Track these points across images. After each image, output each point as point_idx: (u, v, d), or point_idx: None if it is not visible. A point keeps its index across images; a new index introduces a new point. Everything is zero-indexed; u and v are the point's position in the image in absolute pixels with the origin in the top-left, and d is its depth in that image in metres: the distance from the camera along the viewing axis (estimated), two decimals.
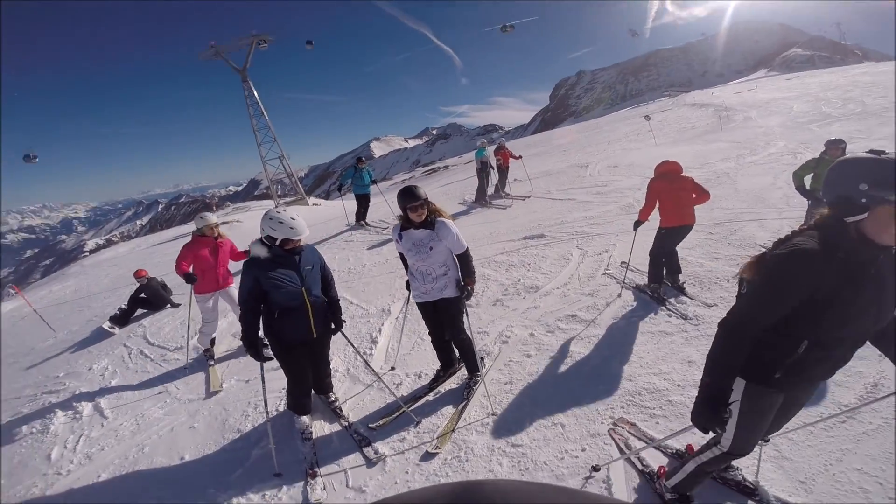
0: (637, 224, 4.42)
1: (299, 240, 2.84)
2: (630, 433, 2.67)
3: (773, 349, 1.60)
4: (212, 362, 4.52)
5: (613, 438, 2.64)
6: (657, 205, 4.29)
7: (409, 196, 2.86)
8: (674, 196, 4.21)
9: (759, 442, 1.97)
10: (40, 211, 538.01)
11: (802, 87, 25.15)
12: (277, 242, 2.80)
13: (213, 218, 4.49)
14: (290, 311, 2.89)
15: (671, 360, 3.29)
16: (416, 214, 2.90)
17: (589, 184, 9.84)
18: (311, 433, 3.16)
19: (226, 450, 3.25)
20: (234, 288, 4.34)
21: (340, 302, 3.27)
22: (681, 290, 4.30)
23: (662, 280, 4.37)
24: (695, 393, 2.82)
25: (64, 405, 4.23)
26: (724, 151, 10.72)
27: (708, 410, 1.58)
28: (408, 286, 3.28)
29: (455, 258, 3.09)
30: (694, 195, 4.24)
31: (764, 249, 1.68)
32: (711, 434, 1.67)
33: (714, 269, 4.60)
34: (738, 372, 1.62)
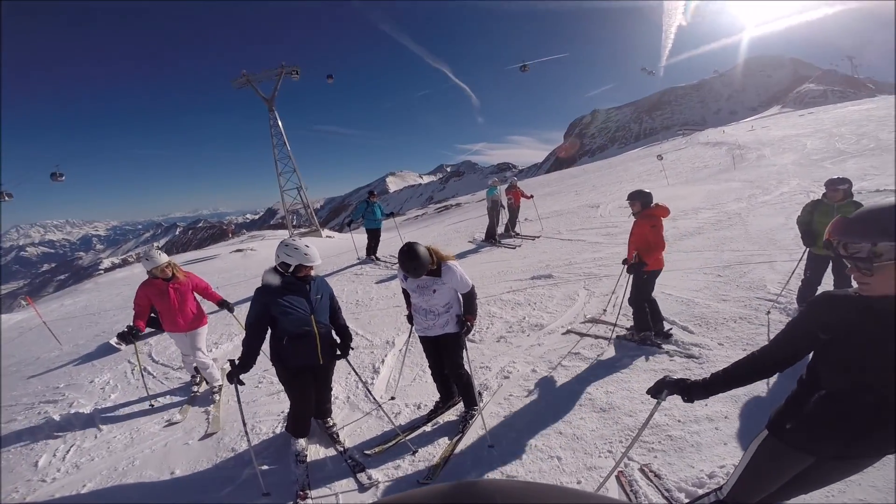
0: (640, 266, 4.10)
1: (311, 267, 2.95)
2: (648, 481, 2.60)
3: (792, 399, 1.60)
4: (195, 388, 4.46)
5: (620, 482, 2.60)
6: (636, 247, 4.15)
7: (409, 269, 2.95)
8: (661, 238, 4.08)
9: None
10: (63, 226, 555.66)
11: (816, 122, 25.18)
12: (291, 269, 2.91)
13: (160, 258, 4.06)
14: (298, 338, 2.97)
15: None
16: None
17: (599, 224, 9.89)
18: (306, 456, 3.18)
19: (218, 467, 3.29)
20: (202, 332, 4.28)
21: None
22: (668, 337, 4.17)
23: (651, 327, 4.20)
24: (696, 428, 2.87)
25: (60, 415, 4.29)
26: (737, 191, 10.73)
27: (686, 391, 1.72)
28: (409, 320, 3.37)
29: (459, 296, 3.17)
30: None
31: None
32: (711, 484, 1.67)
33: (721, 310, 4.56)
34: (731, 388, 1.67)
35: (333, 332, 3.25)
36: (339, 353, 3.23)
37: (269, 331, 3.01)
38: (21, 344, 7.88)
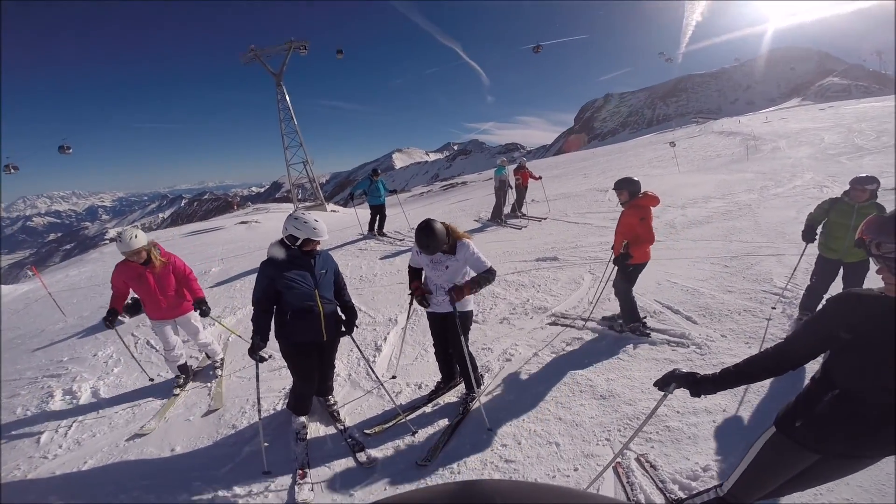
0: (625, 258, 3.87)
1: (318, 242, 2.92)
2: (644, 471, 2.60)
3: (803, 396, 1.59)
4: (177, 391, 3.99)
5: (617, 472, 2.60)
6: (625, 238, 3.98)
7: (424, 245, 2.90)
8: (649, 231, 3.90)
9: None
10: (69, 197, 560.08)
11: (836, 117, 24.62)
12: (298, 243, 2.87)
13: (134, 242, 3.52)
14: (302, 313, 2.95)
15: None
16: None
17: (607, 209, 9.77)
18: (306, 434, 3.19)
19: (218, 444, 3.29)
20: (193, 316, 3.96)
21: None
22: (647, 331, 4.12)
23: (640, 318, 4.13)
24: (694, 420, 2.87)
25: (63, 389, 4.28)
26: (749, 182, 10.58)
27: (695, 385, 1.69)
28: (412, 298, 3.33)
29: (473, 274, 3.08)
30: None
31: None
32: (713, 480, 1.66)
33: (726, 301, 4.52)
34: (741, 385, 1.67)
35: (339, 309, 3.22)
36: (343, 329, 3.21)
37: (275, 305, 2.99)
38: (26, 315, 7.94)
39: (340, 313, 3.23)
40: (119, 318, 3.80)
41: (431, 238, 2.86)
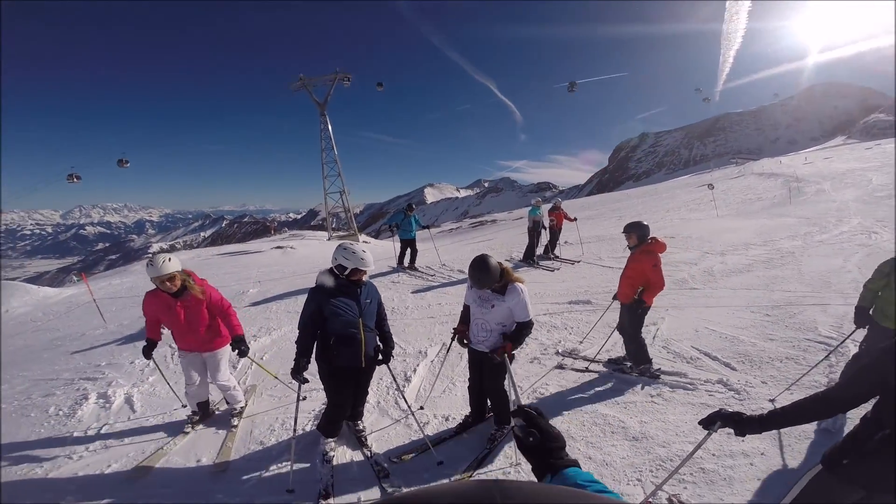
0: (639, 304, 4.10)
1: (365, 272, 3.06)
2: None
3: (852, 436, 1.64)
4: (188, 429, 3.71)
5: None
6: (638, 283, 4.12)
7: (477, 280, 3.00)
8: (661, 277, 4.05)
9: None
10: (121, 209, 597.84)
11: (884, 156, 23.78)
12: (346, 272, 3.01)
13: (165, 267, 3.21)
14: (344, 339, 3.06)
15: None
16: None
17: None
18: (333, 457, 3.24)
19: (245, 459, 3.36)
20: (222, 354, 3.65)
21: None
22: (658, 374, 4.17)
23: (650, 360, 4.16)
24: (730, 463, 2.86)
25: (97, 393, 4.41)
26: (792, 228, 10.28)
27: (740, 425, 1.72)
28: (454, 333, 3.41)
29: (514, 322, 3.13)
30: None
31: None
32: None
33: (766, 349, 4.42)
34: (787, 426, 1.72)
35: (377, 338, 3.32)
36: (380, 358, 3.30)
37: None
38: (68, 318, 8.32)
39: (379, 342, 3.33)
40: (155, 346, 3.55)
41: (483, 273, 2.95)
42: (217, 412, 4.04)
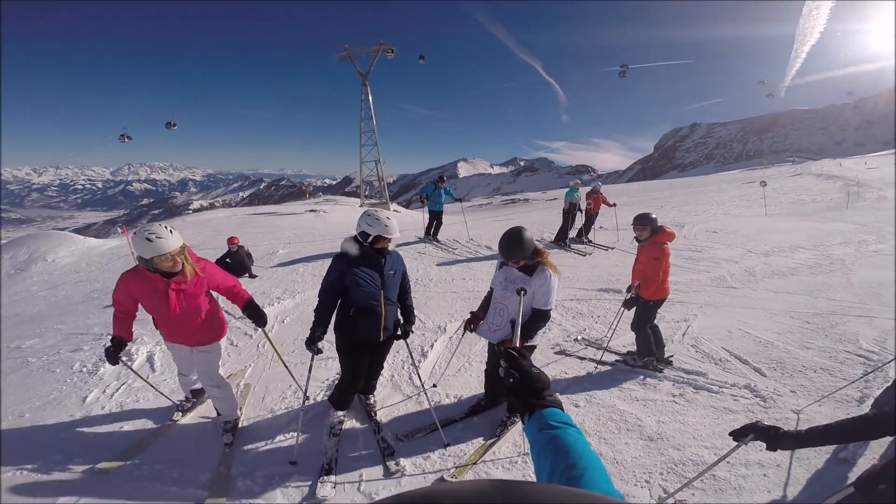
0: (634, 302, 4.05)
1: (390, 239, 2.91)
2: None
3: (893, 463, 1.58)
4: (178, 415, 3.36)
5: None
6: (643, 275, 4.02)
7: (504, 249, 2.90)
8: (658, 272, 3.92)
9: None
10: (167, 168, 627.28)
11: None
12: (370, 239, 2.88)
13: (168, 242, 2.57)
14: (364, 311, 2.95)
15: (728, 437, 3.15)
16: (513, 262, 2.95)
17: (681, 246, 9.18)
18: (341, 429, 3.20)
19: (252, 426, 3.34)
20: (215, 350, 3.04)
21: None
22: (668, 363, 4.12)
23: (654, 353, 4.08)
24: (743, 472, 2.74)
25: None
26: (845, 234, 9.62)
27: (774, 440, 1.68)
28: (470, 320, 3.29)
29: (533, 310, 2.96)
30: None
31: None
32: None
33: (801, 357, 4.17)
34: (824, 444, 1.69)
35: (399, 311, 3.22)
36: (399, 333, 3.18)
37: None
38: (108, 271, 8.63)
39: (399, 316, 3.23)
40: (124, 347, 2.86)
41: (515, 243, 2.83)
42: (174, 424, 3.43)
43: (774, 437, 1.68)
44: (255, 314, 3.08)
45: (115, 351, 2.76)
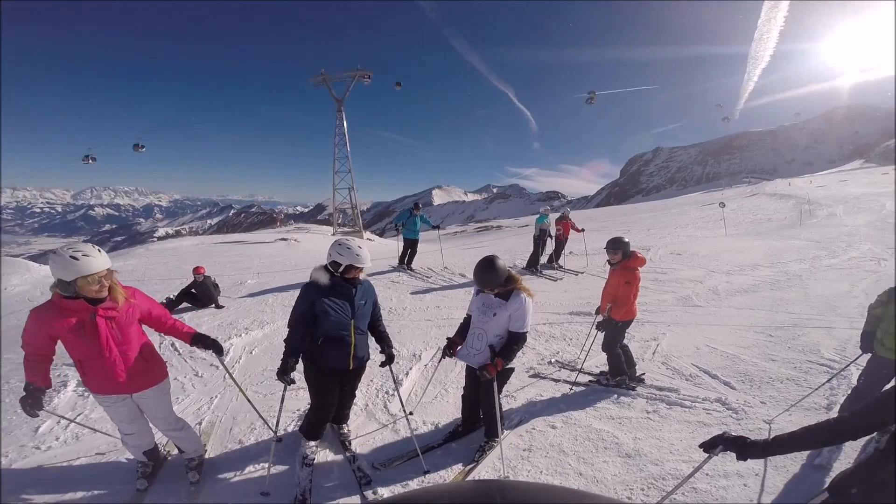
0: (608, 324, 4.17)
1: (361, 269, 2.88)
2: None
3: (864, 466, 1.61)
4: (142, 484, 2.79)
5: None
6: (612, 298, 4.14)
7: (478, 277, 2.98)
8: (628, 296, 4.06)
9: None
10: (132, 193, 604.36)
11: None
12: (341, 269, 2.86)
13: (94, 261, 2.21)
14: (333, 341, 2.91)
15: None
16: (489, 289, 3.02)
17: (648, 269, 9.41)
18: (314, 460, 3.11)
19: (221, 457, 3.22)
20: (165, 388, 2.70)
21: (373, 339, 3.24)
22: (640, 381, 4.22)
23: (625, 372, 4.17)
24: (723, 483, 2.79)
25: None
26: (800, 251, 10.12)
27: (743, 450, 1.69)
28: (448, 346, 3.26)
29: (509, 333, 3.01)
30: None
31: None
32: None
33: (767, 369, 4.33)
34: (793, 451, 1.71)
35: (375, 340, 3.19)
36: (384, 360, 3.12)
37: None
38: None
39: (378, 344, 3.18)
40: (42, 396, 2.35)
41: (489, 271, 2.89)
42: (170, 457, 3.15)
43: (743, 447, 1.70)
44: (207, 342, 2.75)
45: (34, 400, 2.26)
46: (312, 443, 3.19)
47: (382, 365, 3.15)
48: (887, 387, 3.08)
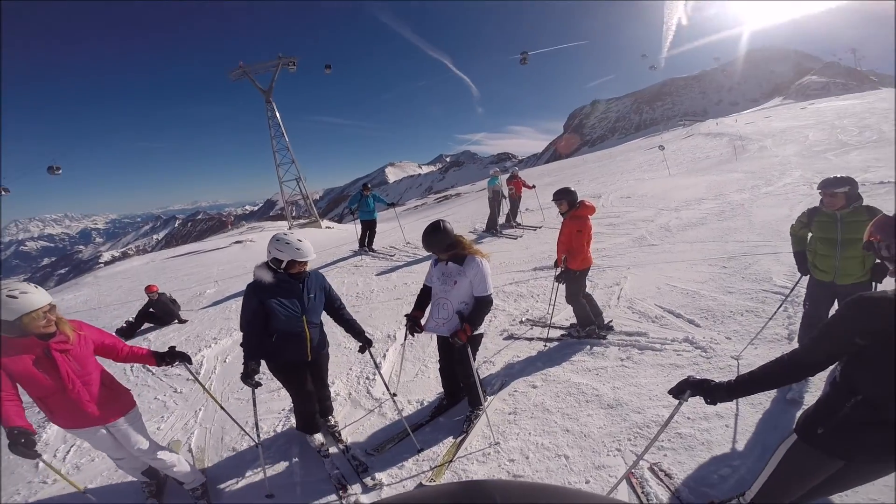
0: (566, 274, 4.18)
1: (306, 262, 2.77)
2: (659, 480, 2.53)
3: (824, 403, 1.55)
4: (154, 502, 2.86)
5: (631, 483, 2.54)
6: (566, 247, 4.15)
7: (425, 241, 2.94)
8: (582, 244, 4.08)
9: None
10: (62, 220, 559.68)
11: (818, 114, 24.99)
12: (283, 265, 2.73)
13: (39, 296, 2.16)
14: (288, 336, 2.83)
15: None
16: (439, 256, 2.99)
17: (601, 215, 9.70)
18: (328, 449, 3.13)
19: (219, 467, 3.22)
20: (136, 416, 2.62)
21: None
22: (610, 329, 4.29)
23: (593, 321, 4.24)
24: (706, 425, 2.86)
25: None
26: (739, 182, 10.63)
27: (709, 393, 1.65)
28: (407, 318, 3.18)
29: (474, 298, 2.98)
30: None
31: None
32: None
33: (727, 302, 4.49)
34: (757, 392, 1.64)
35: (345, 329, 3.14)
36: (360, 346, 3.08)
37: None
38: None
39: (346, 332, 3.15)
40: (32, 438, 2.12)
41: (434, 234, 2.87)
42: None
43: (708, 391, 1.67)
44: (173, 356, 2.65)
45: (27, 441, 2.05)
46: (317, 435, 3.19)
47: (361, 351, 3.11)
48: (833, 310, 3.16)
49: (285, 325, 2.79)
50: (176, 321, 6.95)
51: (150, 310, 6.83)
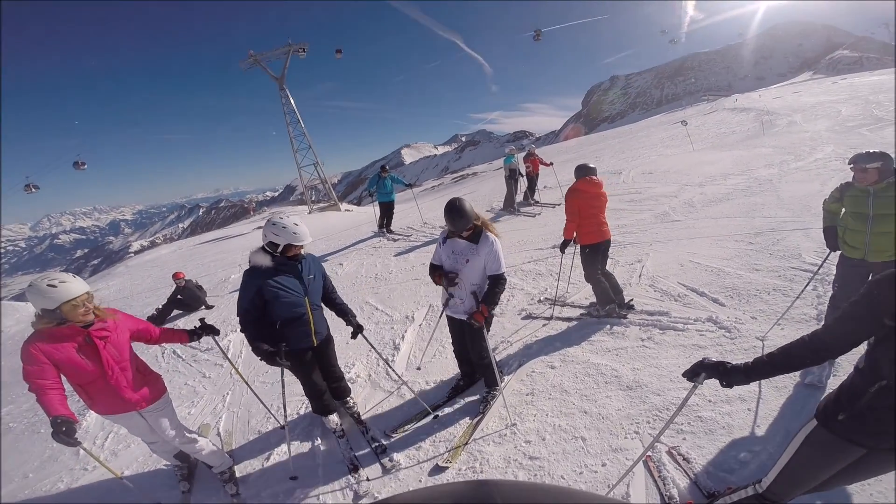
0: (565, 244, 4.20)
1: (301, 246, 2.75)
2: (677, 465, 2.47)
3: (847, 388, 1.47)
4: (185, 485, 2.96)
5: (648, 467, 2.49)
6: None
7: (452, 221, 2.80)
8: (596, 211, 4.04)
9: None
10: (91, 213, 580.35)
11: (851, 89, 23.76)
12: (279, 249, 2.70)
13: (71, 287, 2.21)
14: (291, 322, 2.80)
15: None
16: (461, 234, 2.88)
17: (622, 191, 9.53)
18: (343, 429, 3.17)
19: (245, 450, 3.30)
20: (167, 402, 2.68)
21: (366, 307, 3.18)
22: (631, 308, 4.17)
23: (613, 299, 4.12)
24: (727, 409, 2.75)
25: None
26: (767, 157, 10.19)
27: (725, 376, 1.58)
28: (443, 276, 3.00)
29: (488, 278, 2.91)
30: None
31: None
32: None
33: (753, 280, 4.32)
34: (775, 375, 1.56)
35: (338, 314, 3.10)
36: (352, 332, 3.05)
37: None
38: None
39: (338, 317, 3.10)
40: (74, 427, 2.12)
41: (459, 212, 2.76)
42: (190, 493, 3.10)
43: (725, 373, 1.60)
44: (203, 329, 2.83)
45: (67, 429, 2.07)
46: (331, 416, 3.21)
47: (353, 336, 3.07)
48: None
49: (288, 308, 2.75)
50: (203, 307, 7.12)
51: (179, 297, 7.00)
